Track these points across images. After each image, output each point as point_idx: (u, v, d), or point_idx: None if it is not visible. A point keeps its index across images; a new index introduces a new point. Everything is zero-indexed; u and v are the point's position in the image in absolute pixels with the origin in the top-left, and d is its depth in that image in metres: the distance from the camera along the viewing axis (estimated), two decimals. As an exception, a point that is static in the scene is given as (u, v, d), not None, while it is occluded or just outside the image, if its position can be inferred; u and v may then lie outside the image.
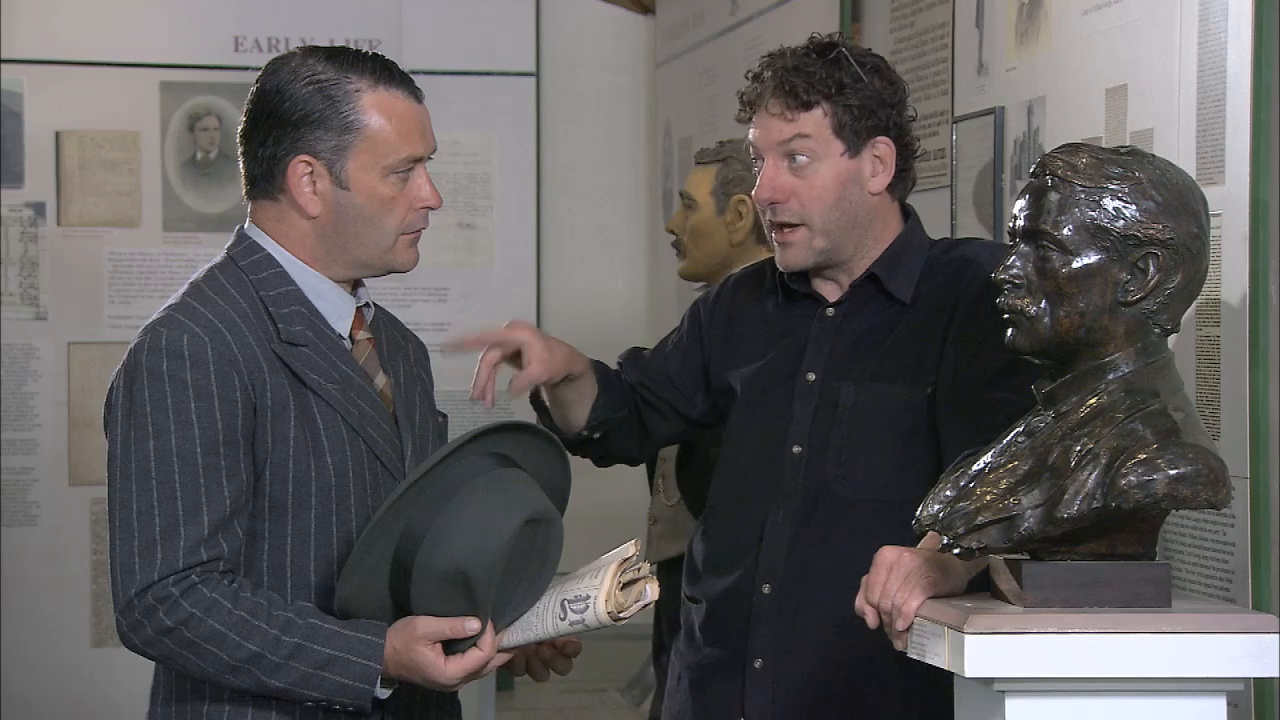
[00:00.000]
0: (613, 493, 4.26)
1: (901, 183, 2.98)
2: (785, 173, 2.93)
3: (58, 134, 6.06)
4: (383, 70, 2.59)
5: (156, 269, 6.08)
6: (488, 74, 6.25)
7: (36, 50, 6.02)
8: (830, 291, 3.01)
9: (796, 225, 2.94)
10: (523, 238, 6.30)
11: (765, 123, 2.95)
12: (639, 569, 2.54)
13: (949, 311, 2.90)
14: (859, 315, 2.98)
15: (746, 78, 2.99)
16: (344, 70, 2.58)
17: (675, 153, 6.04)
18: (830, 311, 3.00)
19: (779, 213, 2.95)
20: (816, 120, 2.91)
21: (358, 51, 2.61)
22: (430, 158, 2.64)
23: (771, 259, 3.08)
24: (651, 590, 2.53)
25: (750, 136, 2.99)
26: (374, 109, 2.57)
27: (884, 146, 2.94)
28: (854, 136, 2.92)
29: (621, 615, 2.51)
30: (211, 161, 6.11)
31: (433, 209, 2.64)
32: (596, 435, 3.19)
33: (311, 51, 2.61)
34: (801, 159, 2.92)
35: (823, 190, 2.92)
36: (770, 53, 2.99)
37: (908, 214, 3.03)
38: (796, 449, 2.95)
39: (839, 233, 2.94)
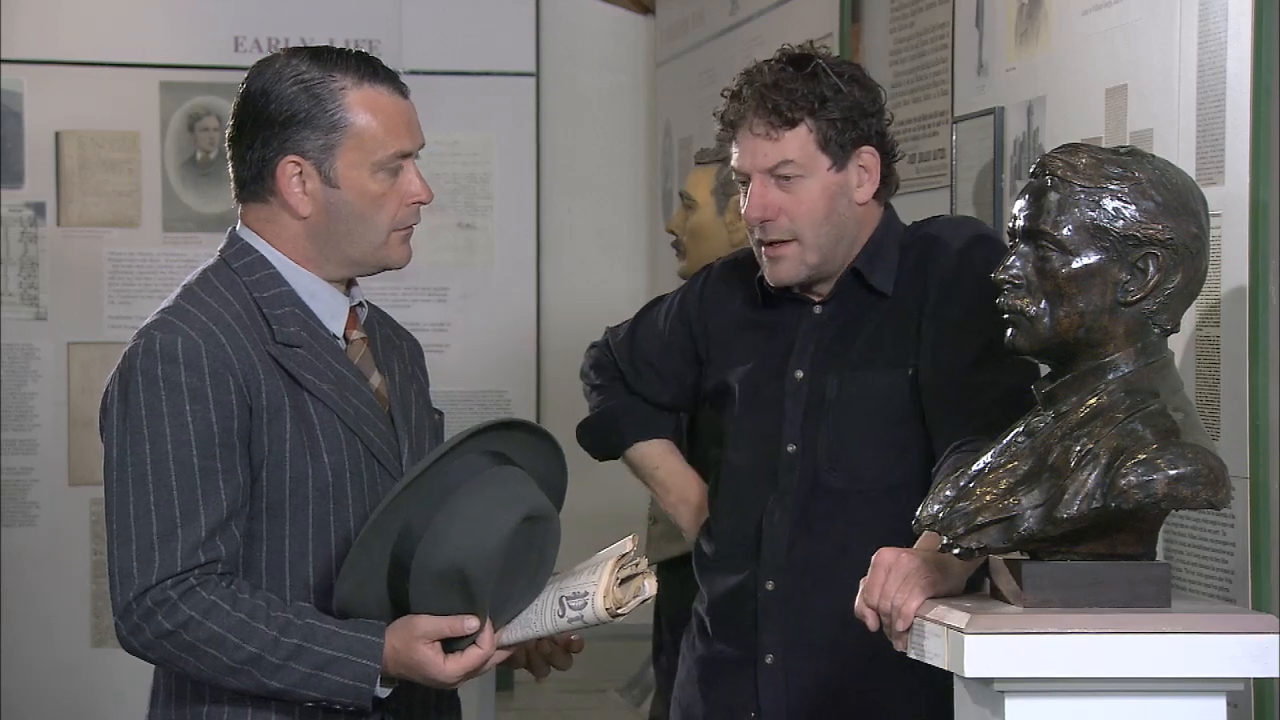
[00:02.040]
0: (612, 492, 4.26)
1: (886, 188, 2.99)
2: (774, 190, 2.93)
3: (58, 134, 6.06)
4: (366, 67, 2.59)
5: (156, 269, 6.07)
6: (488, 74, 6.24)
7: (36, 50, 6.02)
8: (813, 294, 3.02)
9: (788, 241, 2.94)
10: (523, 238, 6.30)
11: (750, 145, 2.94)
12: (636, 565, 2.54)
13: (920, 293, 2.92)
14: (843, 310, 2.99)
15: (723, 96, 2.99)
16: (328, 69, 2.57)
17: (675, 153, 6.04)
18: (818, 310, 3.01)
19: (769, 230, 2.94)
20: (801, 138, 2.91)
21: (341, 50, 2.61)
22: (418, 154, 2.63)
23: (747, 252, 3.08)
24: (649, 586, 2.53)
25: (734, 160, 2.98)
26: (359, 106, 2.57)
27: (869, 156, 2.94)
28: (839, 150, 2.92)
29: (620, 611, 2.51)
30: (211, 161, 6.11)
31: (424, 203, 2.63)
32: None
33: (295, 52, 2.61)
34: (791, 178, 2.92)
35: (812, 205, 2.92)
36: (745, 70, 2.98)
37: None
38: (791, 447, 2.97)
39: (829, 246, 2.95)
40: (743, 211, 2.99)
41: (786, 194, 2.92)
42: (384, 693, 2.51)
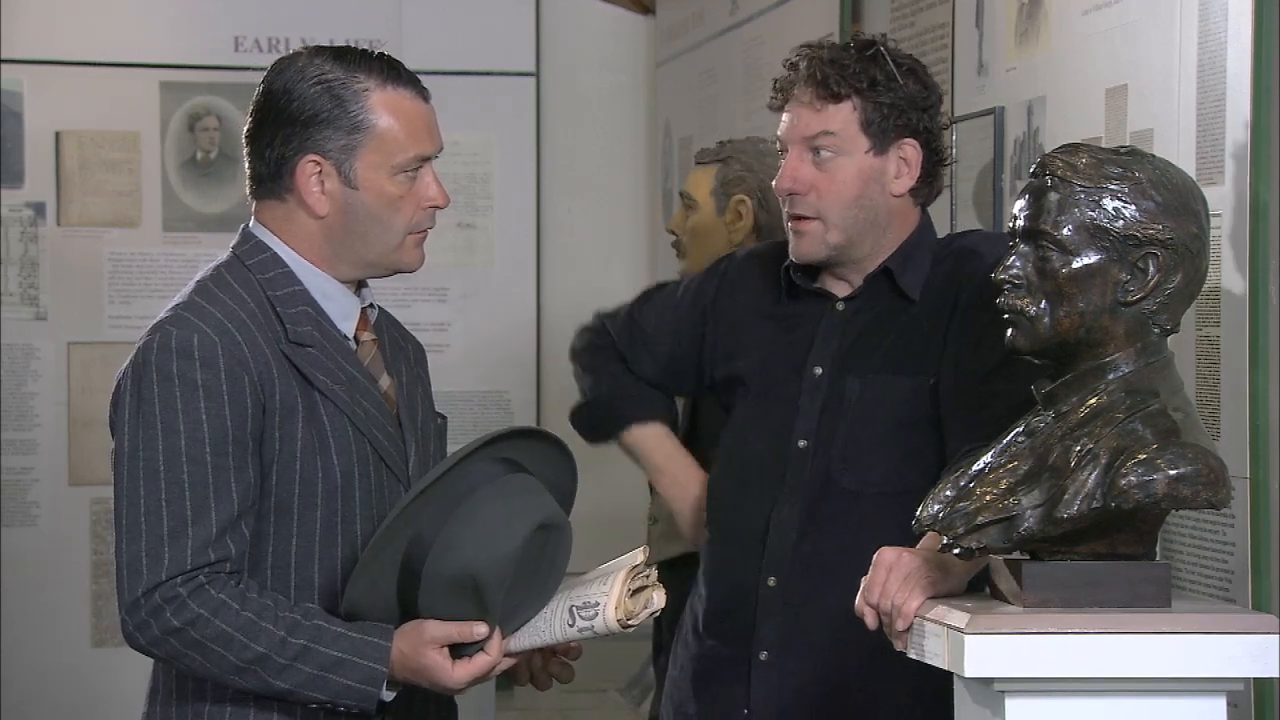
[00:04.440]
0: (613, 493, 4.26)
1: (927, 187, 2.98)
2: (808, 165, 2.93)
3: (58, 134, 6.05)
4: (390, 70, 2.59)
5: (156, 269, 6.07)
6: (488, 74, 6.24)
7: (36, 50, 6.01)
8: (840, 289, 3.01)
9: (812, 218, 2.94)
10: (523, 238, 6.30)
11: (795, 112, 2.95)
12: (647, 576, 2.54)
13: (951, 303, 2.92)
14: (869, 310, 2.99)
15: (784, 66, 2.99)
16: (351, 70, 2.57)
17: (675, 153, 6.04)
18: (841, 306, 3.01)
19: (796, 204, 2.95)
20: (845, 114, 2.91)
21: (364, 51, 2.61)
22: (436, 156, 2.64)
23: (777, 244, 3.08)
24: (658, 598, 2.53)
25: (780, 129, 2.98)
26: (382, 108, 2.57)
27: (910, 149, 2.94)
28: (881, 135, 2.92)
29: (631, 623, 2.50)
30: (211, 161, 6.11)
31: (440, 208, 2.63)
32: None
33: (318, 51, 2.61)
34: (826, 154, 2.92)
35: (843, 186, 2.92)
36: (809, 43, 2.99)
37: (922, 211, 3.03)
38: (802, 443, 2.96)
39: (854, 230, 2.94)
40: (774, 182, 2.99)
41: (819, 171, 2.93)
42: (389, 696, 2.51)
